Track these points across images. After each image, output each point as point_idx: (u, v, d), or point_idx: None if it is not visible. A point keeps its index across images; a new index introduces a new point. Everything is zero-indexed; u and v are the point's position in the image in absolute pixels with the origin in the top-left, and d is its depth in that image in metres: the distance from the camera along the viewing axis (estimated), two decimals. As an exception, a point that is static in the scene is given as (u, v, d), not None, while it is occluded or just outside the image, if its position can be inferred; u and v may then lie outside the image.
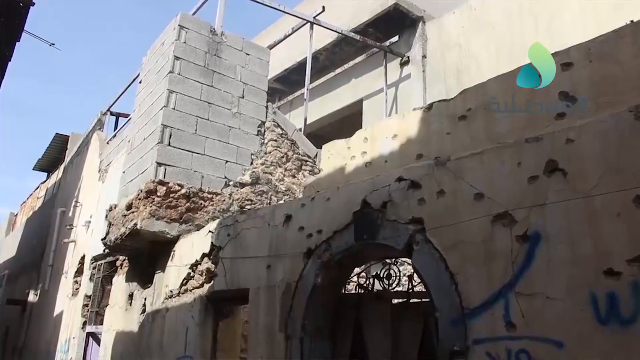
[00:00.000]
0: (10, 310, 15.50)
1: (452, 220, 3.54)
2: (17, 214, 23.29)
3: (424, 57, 9.53)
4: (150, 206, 6.41)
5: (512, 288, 3.16)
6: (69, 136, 16.38)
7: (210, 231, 5.81)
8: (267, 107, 7.88)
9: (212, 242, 5.70)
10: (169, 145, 6.78)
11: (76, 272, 10.60)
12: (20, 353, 13.48)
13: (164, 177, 6.60)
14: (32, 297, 14.00)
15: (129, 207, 6.87)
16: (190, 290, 5.96)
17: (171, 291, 6.32)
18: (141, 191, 6.62)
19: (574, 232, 2.96)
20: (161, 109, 6.92)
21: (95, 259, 9.55)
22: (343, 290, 4.62)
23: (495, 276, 3.25)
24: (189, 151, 6.91)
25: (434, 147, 4.23)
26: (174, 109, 6.94)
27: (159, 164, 6.64)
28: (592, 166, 2.96)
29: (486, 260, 3.32)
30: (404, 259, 4.57)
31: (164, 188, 6.51)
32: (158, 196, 6.46)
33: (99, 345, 8.67)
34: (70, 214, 12.36)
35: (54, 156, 17.94)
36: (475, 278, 3.34)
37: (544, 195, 3.13)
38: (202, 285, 5.77)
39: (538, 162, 3.20)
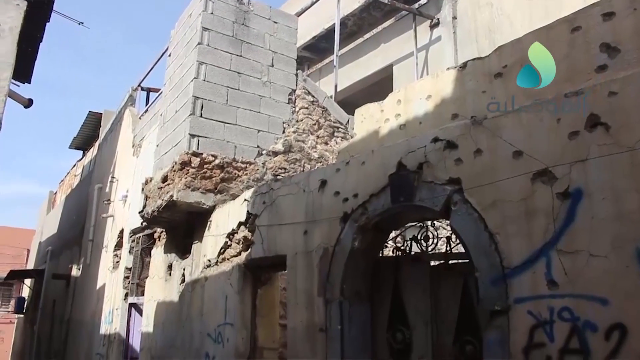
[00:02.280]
0: (56, 284, 15.96)
1: (490, 179, 3.48)
2: (56, 192, 23.81)
3: (454, 18, 9.31)
4: (185, 177, 6.47)
5: (554, 246, 3.12)
6: (101, 113, 16.56)
7: (245, 200, 5.85)
8: (297, 75, 7.84)
9: (248, 211, 5.75)
10: (201, 116, 6.82)
11: (116, 245, 10.82)
12: (67, 325, 13.92)
13: (198, 149, 6.65)
14: (75, 271, 14.37)
15: (164, 179, 6.95)
16: (228, 259, 6.04)
17: (209, 260, 6.41)
18: (175, 163, 6.69)
19: (618, 187, 2.89)
20: (191, 80, 6.93)
21: (134, 232, 9.72)
22: (380, 254, 4.62)
23: (536, 234, 3.20)
24: (221, 122, 6.93)
25: (470, 107, 4.15)
26: (204, 80, 6.96)
27: (192, 136, 6.69)
28: (636, 118, 2.87)
29: (526, 218, 3.27)
30: (441, 222, 4.55)
31: (198, 159, 6.57)
32: (192, 167, 6.51)
33: (141, 315, 8.89)
34: (107, 189, 12.57)
35: (89, 134, 18.20)
36: (516, 237, 3.30)
37: (586, 150, 3.05)
38: (239, 253, 5.84)
39: (579, 117, 3.12)
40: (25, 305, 20.48)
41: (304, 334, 4.65)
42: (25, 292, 22.06)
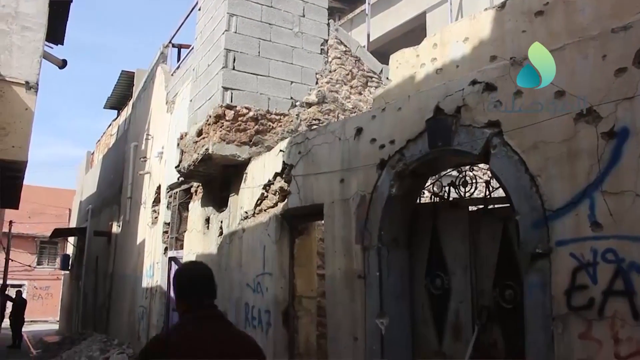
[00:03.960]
0: (97, 241, 16.44)
1: (531, 121, 3.40)
2: (93, 152, 24.24)
3: (491, -40, 8.97)
4: (220, 130, 6.50)
5: (598, 187, 3.05)
6: (134, 72, 16.66)
7: (281, 150, 5.85)
8: (328, 24, 7.69)
9: (283, 161, 5.76)
10: (234, 69, 6.78)
11: (154, 201, 11.02)
12: (111, 279, 14.38)
13: (231, 101, 6.64)
14: (115, 228, 14.74)
15: (199, 133, 6.99)
16: (265, 210, 6.09)
17: (246, 212, 6.48)
18: (210, 117, 6.71)
19: (668, 124, 2.78)
20: (223, 33, 6.88)
21: (171, 187, 9.87)
22: (418, 200, 4.59)
23: (580, 176, 3.13)
24: (254, 74, 6.89)
25: (509, 47, 4.03)
26: (235, 32, 6.89)
27: (225, 89, 6.67)
28: (689, 52, 2.73)
29: (569, 159, 3.20)
30: (479, 167, 4.48)
31: (232, 112, 6.57)
32: (227, 120, 6.52)
33: (181, 268, 9.10)
34: (142, 147, 12.73)
35: (122, 93, 18.38)
36: (558, 179, 3.24)
37: (633, 87, 2.95)
38: (276, 204, 5.88)
39: (626, 53, 3.00)
40: (70, 262, 21.21)
41: (343, 281, 4.70)
42: (70, 250, 22.82)
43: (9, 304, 18.08)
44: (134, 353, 11.05)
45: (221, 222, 7.19)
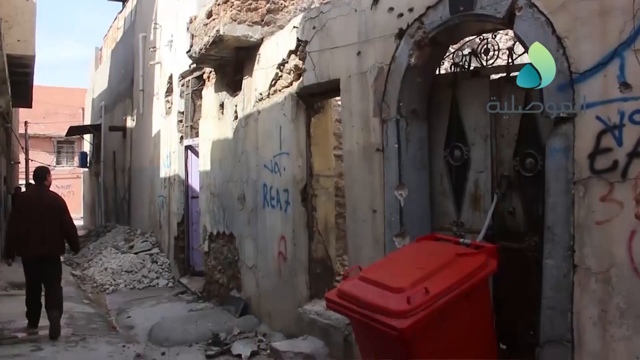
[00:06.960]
0: (113, 136, 16.57)
1: (561, -22, 3.19)
2: (101, 48, 23.78)
3: None
4: (230, 10, 6.27)
5: (630, 46, 2.93)
6: (136, -40, 15.97)
7: (294, 27, 5.65)
8: None
9: (297, 38, 5.58)
10: (241, -57, 6.42)
11: (166, 92, 10.93)
12: (129, 172, 14.62)
13: (241, -22, 6.36)
14: (129, 122, 14.77)
15: (209, 15, 6.77)
16: (280, 90, 5.99)
17: (261, 94, 6.39)
18: (219, -4, 6.46)
19: None
20: None
21: (183, 76, 9.74)
22: (438, 71, 4.45)
23: (611, 35, 2.99)
24: (262, -53, 6.54)
25: None
26: None
27: (233, -35, 6.36)
28: None
29: (600, 17, 3.04)
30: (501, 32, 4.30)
31: (242, -10, 6.31)
32: (237, -1, 6.28)
33: (197, 156, 9.18)
34: (151, 37, 12.44)
35: (126, -17, 17.76)
36: (587, 39, 3.10)
37: None
38: (291, 83, 5.77)
39: None
40: (88, 159, 21.55)
41: (361, 155, 4.69)
42: (87, 148, 23.09)
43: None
44: (156, 241, 11.44)
45: (236, 106, 7.13)
